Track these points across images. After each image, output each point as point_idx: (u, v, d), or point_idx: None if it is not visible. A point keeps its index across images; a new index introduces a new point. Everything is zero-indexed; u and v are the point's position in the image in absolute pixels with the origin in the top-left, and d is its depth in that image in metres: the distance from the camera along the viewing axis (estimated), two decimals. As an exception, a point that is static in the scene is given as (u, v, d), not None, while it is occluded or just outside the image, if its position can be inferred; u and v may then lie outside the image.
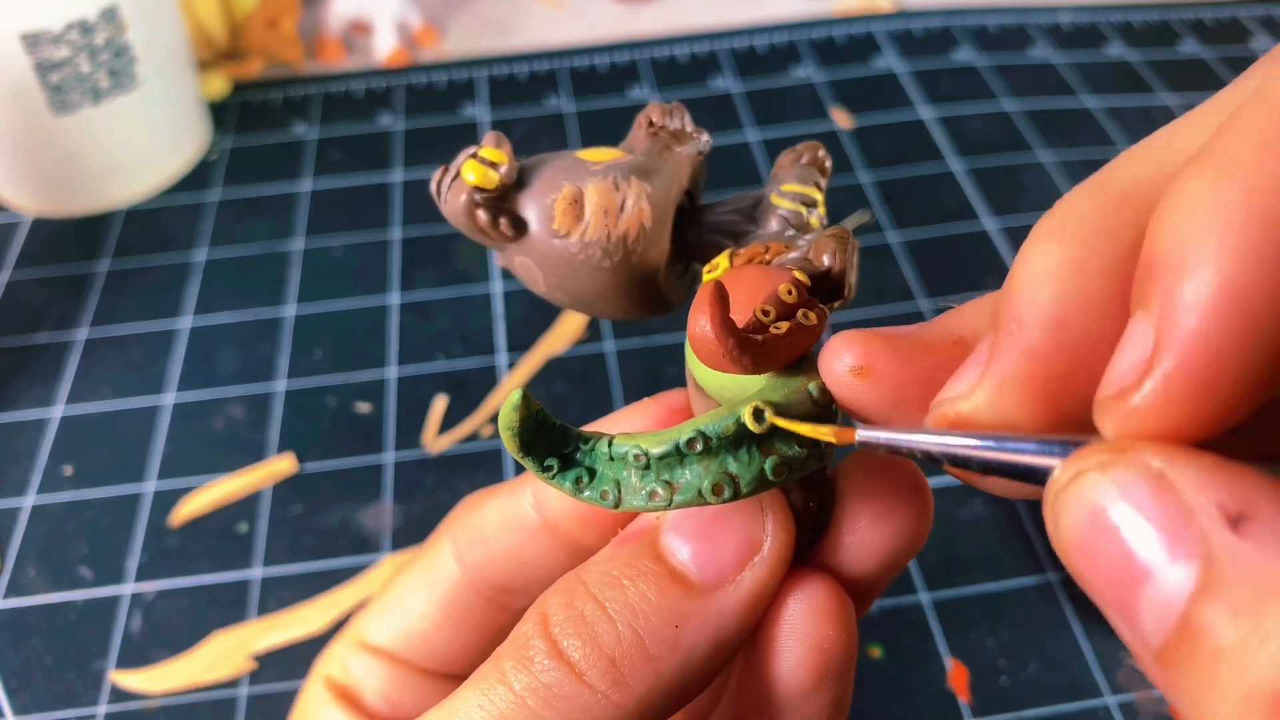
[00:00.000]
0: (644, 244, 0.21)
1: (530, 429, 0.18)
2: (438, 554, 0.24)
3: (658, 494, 0.18)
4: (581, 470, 0.18)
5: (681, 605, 0.18)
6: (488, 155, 0.21)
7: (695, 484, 0.18)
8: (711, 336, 0.17)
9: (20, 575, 0.36)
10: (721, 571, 0.18)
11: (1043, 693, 0.32)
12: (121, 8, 0.46)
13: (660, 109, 0.23)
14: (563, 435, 0.18)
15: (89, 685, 0.33)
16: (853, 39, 0.60)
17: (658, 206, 0.21)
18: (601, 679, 0.17)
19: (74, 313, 0.45)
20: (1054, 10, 0.61)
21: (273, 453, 0.40)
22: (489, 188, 0.20)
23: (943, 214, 0.48)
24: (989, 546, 0.36)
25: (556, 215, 0.21)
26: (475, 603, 0.24)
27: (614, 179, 0.21)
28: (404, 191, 0.51)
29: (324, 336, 0.44)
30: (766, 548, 0.18)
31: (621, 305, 0.22)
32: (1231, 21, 0.60)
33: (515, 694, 0.17)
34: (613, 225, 0.21)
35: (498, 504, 0.24)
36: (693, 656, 0.18)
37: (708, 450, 0.17)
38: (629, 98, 0.56)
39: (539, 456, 0.18)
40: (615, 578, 0.18)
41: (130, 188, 0.51)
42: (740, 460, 0.18)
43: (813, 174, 0.22)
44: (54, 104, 0.46)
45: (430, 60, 0.60)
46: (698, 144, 0.22)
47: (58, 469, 0.39)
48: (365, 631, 0.25)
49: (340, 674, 0.25)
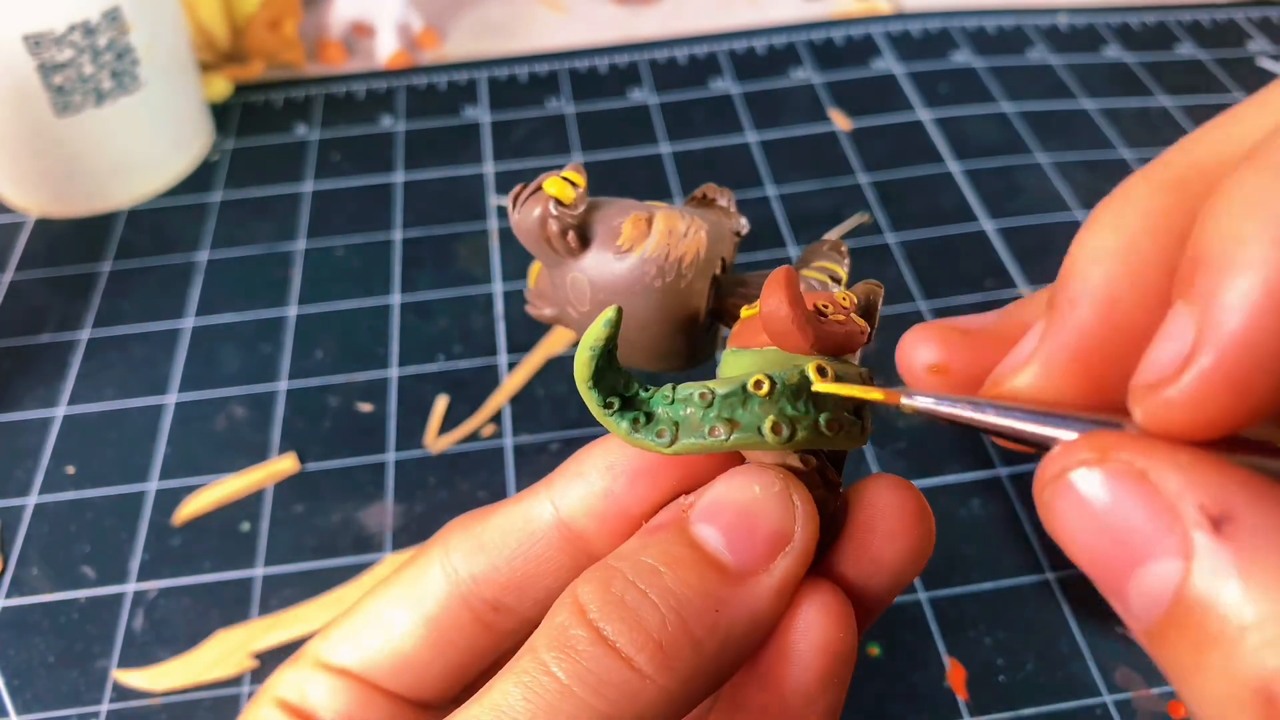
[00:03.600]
0: (694, 272, 0.23)
1: (605, 356, 0.19)
2: (425, 569, 0.23)
3: (718, 430, 0.19)
4: (639, 413, 0.20)
5: (720, 590, 0.18)
6: (570, 176, 0.23)
7: (755, 422, 0.19)
8: (785, 307, 0.19)
9: (23, 574, 0.36)
10: (757, 559, 0.19)
11: (1040, 691, 0.33)
12: (124, 9, 0.46)
13: (713, 188, 0.26)
14: (626, 380, 0.20)
15: (92, 683, 0.34)
16: (851, 41, 0.60)
17: (710, 246, 0.23)
18: (649, 663, 0.17)
19: (77, 313, 0.46)
20: (1052, 12, 0.61)
21: (274, 452, 0.40)
22: (566, 201, 0.23)
23: (941, 215, 0.49)
24: (987, 546, 0.36)
25: (625, 231, 0.23)
26: (464, 621, 0.23)
27: (681, 211, 0.24)
28: (405, 192, 0.51)
29: (325, 337, 0.44)
30: (797, 538, 0.19)
31: (655, 337, 0.24)
32: (1229, 23, 0.60)
33: (561, 683, 0.17)
34: (674, 246, 0.23)
35: (499, 514, 0.23)
36: (731, 640, 0.18)
37: (770, 394, 0.19)
38: (629, 99, 0.56)
39: (603, 392, 0.20)
40: (651, 565, 0.18)
41: (133, 189, 0.51)
42: (798, 409, 0.19)
43: (836, 257, 0.24)
44: (57, 105, 0.46)
45: (431, 62, 0.61)
46: (736, 224, 0.25)
47: (60, 468, 0.40)
48: (326, 653, 0.24)
49: (295, 697, 0.23)
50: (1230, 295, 0.13)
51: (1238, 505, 0.12)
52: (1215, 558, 0.12)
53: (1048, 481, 0.14)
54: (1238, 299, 0.12)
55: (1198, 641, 0.12)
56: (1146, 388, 0.14)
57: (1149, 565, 0.13)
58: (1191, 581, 0.12)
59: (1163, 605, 0.13)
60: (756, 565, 0.19)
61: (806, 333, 0.19)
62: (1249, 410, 0.13)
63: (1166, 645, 0.13)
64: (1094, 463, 0.14)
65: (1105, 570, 0.14)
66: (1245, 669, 0.12)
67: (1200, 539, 0.12)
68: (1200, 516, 0.12)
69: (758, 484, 0.19)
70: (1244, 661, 0.12)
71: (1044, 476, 0.14)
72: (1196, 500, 0.12)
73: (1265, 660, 0.11)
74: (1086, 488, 0.14)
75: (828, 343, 0.20)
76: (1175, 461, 0.13)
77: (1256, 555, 0.12)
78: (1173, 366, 0.13)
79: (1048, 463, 0.14)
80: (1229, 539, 0.12)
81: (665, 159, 0.52)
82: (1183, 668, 0.13)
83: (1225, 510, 0.12)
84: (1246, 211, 0.13)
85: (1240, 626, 0.12)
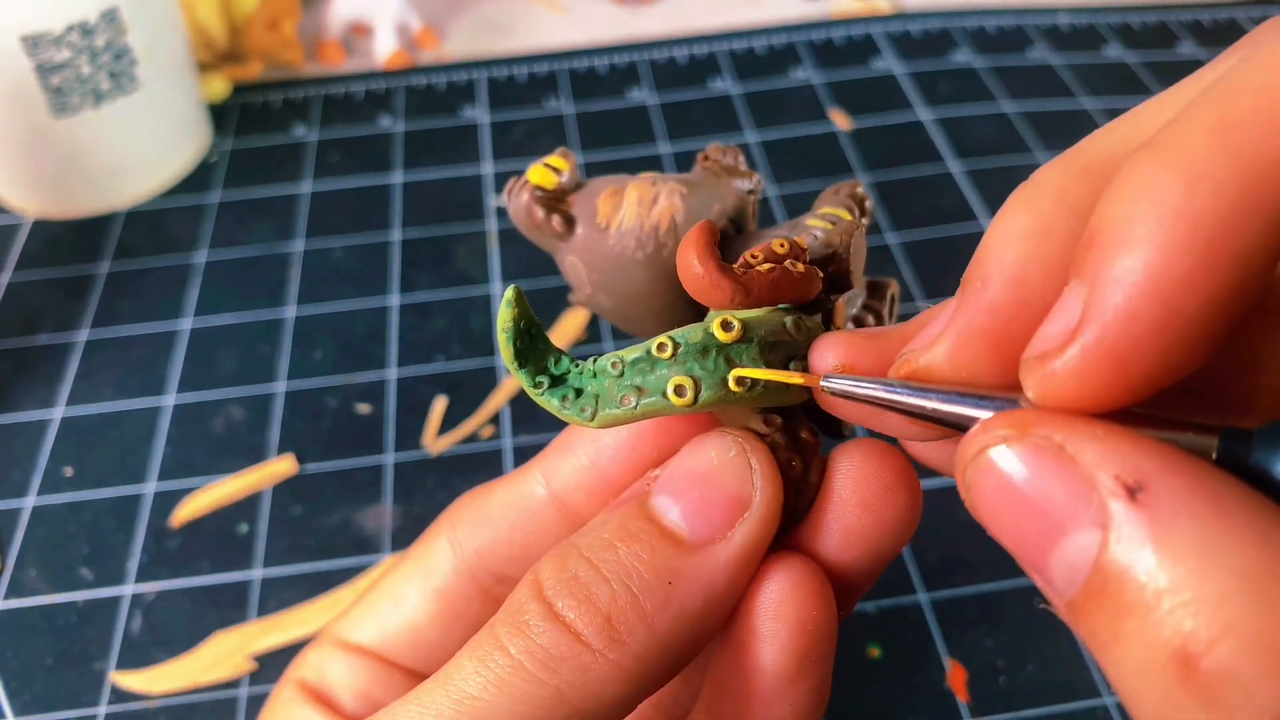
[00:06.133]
0: (674, 238, 0.23)
1: (523, 336, 0.19)
2: (432, 546, 0.24)
3: (628, 399, 0.19)
4: (569, 389, 0.19)
5: (673, 562, 0.18)
6: (553, 163, 0.23)
7: (660, 386, 0.18)
8: (696, 263, 0.19)
9: (21, 576, 0.36)
10: (712, 527, 0.18)
11: (1041, 693, 0.32)
12: (122, 10, 0.46)
13: (718, 147, 0.25)
14: (557, 356, 0.20)
15: (89, 686, 0.33)
16: (851, 40, 0.60)
17: (691, 209, 0.23)
18: (598, 637, 0.17)
19: (75, 314, 0.46)
20: (1052, 12, 0.61)
21: (273, 454, 0.40)
22: (548, 187, 0.23)
23: (941, 215, 0.48)
24: (987, 547, 0.36)
25: (599, 208, 0.23)
26: (471, 595, 0.24)
27: (652, 179, 0.23)
28: (404, 193, 0.51)
29: (324, 338, 0.44)
30: (755, 503, 0.19)
31: (657, 309, 0.23)
32: (1229, 23, 0.60)
33: (511, 657, 0.17)
34: (645, 215, 0.23)
35: (501, 488, 0.24)
36: (686, 613, 0.18)
37: (675, 355, 0.18)
38: (629, 99, 0.56)
39: (531, 371, 0.19)
40: (608, 540, 0.19)
41: (131, 189, 0.51)
42: (705, 368, 0.18)
43: (847, 201, 0.23)
44: (55, 106, 0.46)
45: (430, 62, 0.60)
46: (747, 183, 0.24)
47: (58, 470, 0.40)
48: (345, 632, 0.24)
49: (314, 677, 0.24)
50: (1115, 271, 0.13)
51: (1151, 474, 0.13)
52: (1131, 526, 0.12)
53: (969, 460, 0.14)
54: (1122, 275, 0.13)
55: (1116, 610, 0.12)
56: (1035, 360, 0.14)
57: (1068, 538, 0.13)
58: (1109, 550, 0.12)
59: (1082, 576, 0.13)
60: (712, 534, 0.18)
61: (723, 288, 0.19)
62: (1132, 383, 0.13)
63: (1087, 616, 0.13)
64: (1013, 439, 0.14)
65: (1027, 546, 0.14)
66: (1161, 633, 0.12)
67: (1116, 508, 0.13)
68: (1116, 485, 0.13)
69: (714, 450, 0.19)
70: (1160, 626, 0.12)
71: (965, 456, 0.15)
72: (1112, 470, 0.13)
73: (1181, 623, 0.12)
74: (1006, 464, 0.14)
75: (750, 295, 0.19)
76: (1091, 434, 0.13)
77: (1171, 522, 0.12)
78: (1059, 340, 0.14)
79: (967, 442, 0.15)
80: (1143, 507, 0.12)
81: (665, 159, 0.52)
82: (1103, 639, 0.13)
83: (1140, 479, 0.13)
84: (1136, 194, 0.13)
85: (1156, 592, 0.12)
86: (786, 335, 0.19)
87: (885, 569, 0.20)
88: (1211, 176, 0.13)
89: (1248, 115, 0.13)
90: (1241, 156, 0.12)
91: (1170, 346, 0.13)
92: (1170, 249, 0.13)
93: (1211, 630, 0.11)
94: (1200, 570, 0.12)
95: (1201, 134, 0.13)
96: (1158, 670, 0.12)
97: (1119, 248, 0.13)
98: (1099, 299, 0.13)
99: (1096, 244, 0.13)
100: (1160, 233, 0.13)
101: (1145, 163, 0.13)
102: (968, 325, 0.16)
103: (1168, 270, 0.13)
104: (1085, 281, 0.13)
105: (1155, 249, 0.13)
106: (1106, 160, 0.15)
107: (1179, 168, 0.13)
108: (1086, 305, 0.13)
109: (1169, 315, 0.13)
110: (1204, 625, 0.12)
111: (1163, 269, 0.13)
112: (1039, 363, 0.14)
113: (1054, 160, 0.16)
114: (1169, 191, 0.13)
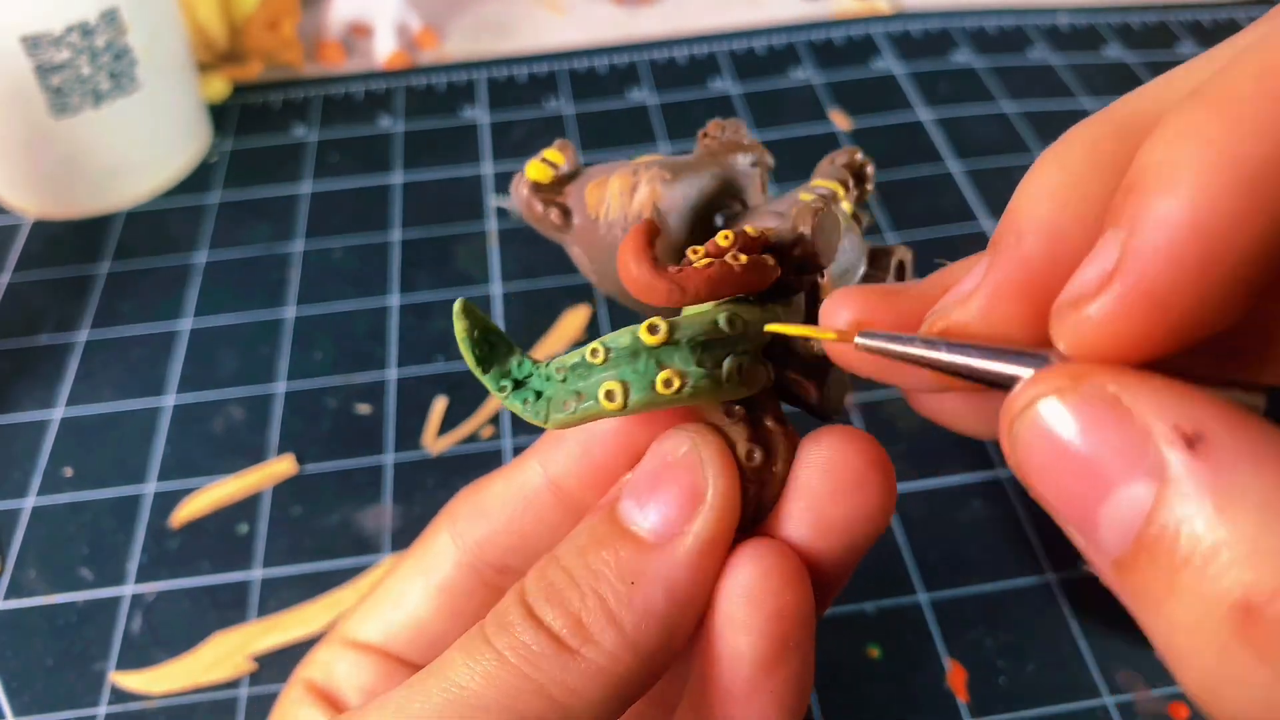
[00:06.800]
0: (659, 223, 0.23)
1: (481, 344, 0.20)
2: (433, 541, 0.24)
3: (569, 404, 0.19)
4: (529, 392, 0.20)
5: (634, 563, 0.18)
6: (549, 156, 0.23)
7: (593, 391, 0.19)
8: (631, 264, 0.19)
9: (21, 576, 0.36)
10: (669, 525, 0.19)
11: (1041, 693, 0.32)
12: (122, 10, 0.46)
13: (718, 123, 0.25)
14: (519, 360, 0.20)
15: (89, 686, 0.33)
16: (851, 41, 0.60)
17: (673, 194, 0.23)
18: (573, 638, 0.18)
19: (74, 314, 0.46)
20: (1052, 12, 0.61)
21: (273, 454, 0.40)
22: (543, 181, 0.23)
23: (941, 216, 0.48)
24: (987, 547, 0.36)
25: (588, 200, 0.23)
26: (473, 588, 0.24)
27: (635, 168, 0.23)
28: (404, 193, 0.51)
29: (324, 338, 0.44)
30: (708, 496, 0.19)
31: None
32: (1229, 23, 0.60)
33: (498, 653, 0.18)
34: (628, 205, 0.23)
35: (499, 480, 0.24)
36: (651, 611, 0.18)
37: (607, 360, 0.19)
38: (628, 100, 0.56)
39: (495, 375, 0.20)
40: (580, 547, 0.19)
41: (131, 190, 0.51)
42: (635, 370, 0.19)
43: (841, 173, 0.23)
44: (54, 106, 0.46)
45: (430, 62, 0.60)
46: (748, 157, 0.24)
47: (58, 470, 0.40)
48: (351, 631, 0.25)
49: (321, 676, 0.24)
50: (1155, 214, 0.13)
51: (1211, 424, 0.12)
52: (1190, 476, 0.12)
53: (1016, 414, 0.14)
54: (1162, 217, 0.13)
55: (1171, 565, 0.12)
56: (1069, 305, 0.14)
57: (1121, 490, 0.13)
58: (1166, 502, 0.12)
59: (1134, 531, 0.13)
60: (670, 532, 0.19)
61: (657, 288, 0.19)
62: (1169, 332, 0.13)
63: (1138, 573, 0.13)
64: (1066, 390, 0.14)
65: (1075, 502, 0.14)
66: (1220, 586, 0.12)
67: (1174, 458, 0.12)
68: (1175, 435, 0.12)
69: (668, 447, 0.19)
70: (1220, 578, 0.12)
71: (1012, 410, 0.14)
72: (1170, 420, 0.12)
73: (1241, 575, 0.11)
74: (1055, 418, 0.14)
75: (690, 293, 0.19)
76: (1148, 385, 0.13)
77: (1232, 473, 0.12)
78: (1095, 285, 0.13)
79: (1014, 398, 0.14)
80: (1203, 457, 0.12)
81: (664, 159, 0.52)
82: (1154, 596, 0.12)
83: (1199, 429, 0.12)
84: (1179, 140, 0.13)
85: (1214, 545, 0.12)
86: (719, 333, 0.19)
87: (861, 560, 0.20)
88: (1256, 119, 0.12)
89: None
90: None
91: (1210, 293, 0.13)
92: (1215, 190, 0.12)
93: (1277, 580, 0.11)
94: (1262, 522, 0.11)
95: (1246, 80, 0.13)
96: (1215, 624, 0.12)
97: (1161, 190, 0.13)
98: (1139, 241, 0.13)
99: (1137, 189, 0.13)
100: (1205, 174, 0.12)
101: (1187, 111, 0.13)
102: (1003, 280, 0.15)
103: (1212, 211, 0.12)
104: (1123, 227, 0.13)
105: (1200, 190, 0.12)
106: (1140, 117, 0.15)
107: (1223, 112, 0.13)
108: (1125, 249, 0.13)
109: (1212, 258, 0.12)
110: (1268, 576, 0.11)
111: (1207, 209, 0.12)
112: (1072, 309, 0.14)
113: (1086, 120, 0.16)
114: (1213, 135, 0.12)
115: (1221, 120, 0.13)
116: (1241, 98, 0.13)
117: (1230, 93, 0.13)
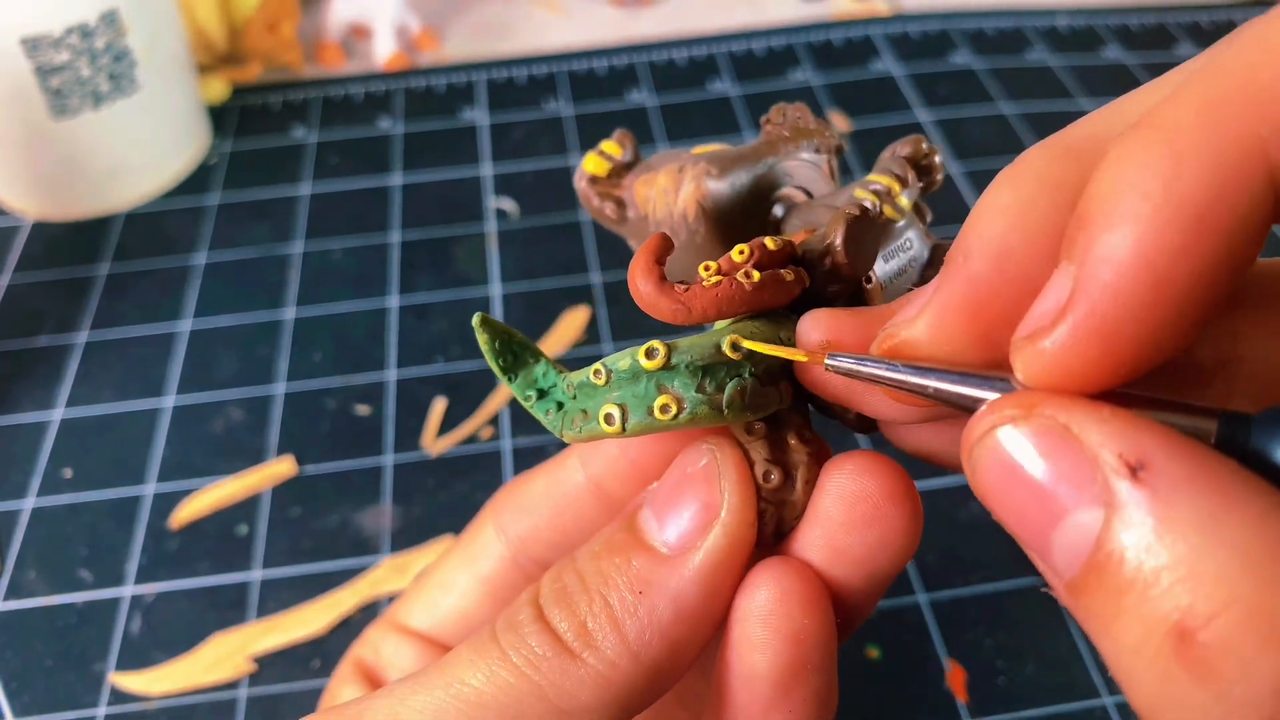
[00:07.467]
0: (705, 224, 0.22)
1: (505, 353, 0.20)
2: (479, 533, 0.25)
3: (577, 422, 0.19)
4: (552, 402, 0.20)
5: (645, 572, 0.19)
6: (606, 148, 0.23)
7: (597, 412, 0.19)
8: (637, 286, 0.19)
9: (20, 577, 0.36)
10: (684, 538, 0.19)
11: (1040, 693, 0.32)
12: (121, 12, 0.46)
13: (781, 108, 0.25)
14: (545, 370, 0.20)
15: (89, 687, 0.33)
16: (850, 42, 0.60)
17: (718, 191, 0.22)
18: (576, 642, 0.18)
19: (74, 316, 0.46)
20: (1051, 13, 0.61)
21: (272, 455, 0.40)
22: (600, 175, 0.23)
23: (940, 216, 0.48)
24: (986, 547, 0.36)
25: (635, 194, 0.23)
26: (516, 580, 0.25)
27: (682, 165, 0.23)
28: (403, 195, 0.51)
29: (323, 339, 0.44)
30: (722, 513, 0.19)
31: None
32: (1227, 24, 0.60)
33: (503, 652, 0.18)
34: (673, 204, 0.22)
35: (541, 476, 0.24)
36: (656, 622, 0.18)
37: (609, 382, 0.19)
38: (628, 101, 0.56)
39: (522, 384, 0.20)
40: (596, 553, 0.19)
41: (130, 191, 0.51)
42: (635, 394, 0.18)
43: (895, 167, 0.22)
44: (54, 108, 0.46)
45: (429, 64, 0.60)
46: (809, 151, 0.23)
47: (58, 471, 0.40)
48: (403, 616, 0.26)
49: (370, 655, 0.25)
50: (1101, 249, 0.13)
51: (1154, 453, 0.13)
52: (1134, 503, 0.12)
53: (975, 440, 0.14)
54: (1109, 252, 0.13)
55: (1117, 587, 0.12)
56: (1025, 340, 0.14)
57: (1071, 516, 0.13)
58: (1111, 528, 0.13)
59: (1084, 555, 0.13)
60: (684, 545, 0.19)
61: (660, 308, 0.19)
62: (1121, 361, 0.13)
63: (1087, 595, 0.13)
64: (1019, 419, 0.14)
65: (1030, 526, 0.14)
66: (1161, 610, 0.12)
67: (1120, 486, 0.13)
68: (1119, 464, 0.13)
69: (689, 460, 0.20)
70: (1159, 601, 0.12)
71: (971, 437, 0.15)
72: (1115, 449, 0.13)
73: (1179, 599, 0.12)
74: (1011, 445, 0.14)
75: (696, 313, 0.19)
76: (1095, 415, 0.13)
77: (1172, 500, 0.12)
78: (1049, 319, 0.14)
79: (974, 423, 0.15)
80: (1146, 485, 0.12)
81: (664, 160, 0.52)
82: (1102, 617, 0.13)
83: (1142, 458, 0.13)
84: (1124, 172, 0.13)
85: (1155, 569, 0.12)
86: (720, 358, 0.18)
87: (886, 589, 0.20)
88: (1197, 153, 0.13)
89: (1233, 93, 0.13)
90: (1227, 133, 0.13)
91: (1158, 323, 0.13)
92: (1158, 224, 0.13)
93: (1210, 605, 0.12)
94: (1200, 547, 0.12)
95: (1188, 113, 0.13)
96: (1155, 646, 0.12)
97: (1107, 225, 0.13)
98: (1088, 276, 0.13)
99: (1086, 223, 0.13)
100: (1148, 208, 0.13)
101: (1132, 141, 0.13)
102: (949, 298, 0.16)
103: (1156, 244, 0.13)
104: (1074, 261, 0.13)
105: (1143, 224, 0.13)
106: (1089, 142, 0.15)
107: (1165, 145, 0.13)
108: (1075, 283, 0.13)
109: (1157, 290, 0.13)
110: (1202, 600, 0.12)
111: (1151, 243, 0.13)
112: (1028, 342, 0.14)
113: (1040, 143, 0.16)
114: (1156, 168, 0.13)
115: (1163, 153, 0.13)
116: (1181, 131, 0.13)
117: (1171, 125, 0.13)
